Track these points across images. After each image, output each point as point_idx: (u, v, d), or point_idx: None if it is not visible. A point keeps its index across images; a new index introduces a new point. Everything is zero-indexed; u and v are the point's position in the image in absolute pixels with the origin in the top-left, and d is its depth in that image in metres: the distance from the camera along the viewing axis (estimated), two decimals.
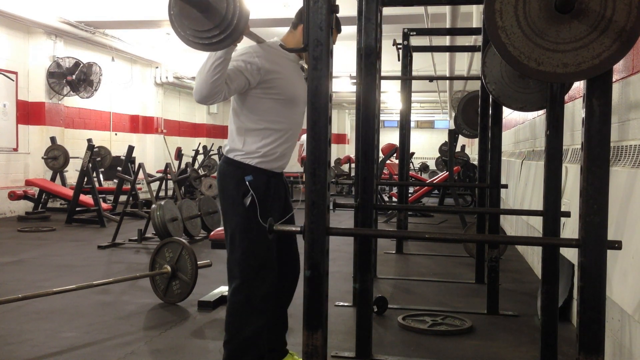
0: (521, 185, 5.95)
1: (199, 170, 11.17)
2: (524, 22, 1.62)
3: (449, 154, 8.59)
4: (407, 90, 6.10)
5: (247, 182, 2.35)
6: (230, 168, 2.42)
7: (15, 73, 9.19)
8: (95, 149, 8.83)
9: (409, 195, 7.99)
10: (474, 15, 7.01)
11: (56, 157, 8.77)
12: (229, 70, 2.22)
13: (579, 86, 3.72)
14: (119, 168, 9.50)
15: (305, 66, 2.53)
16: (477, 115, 4.56)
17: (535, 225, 4.93)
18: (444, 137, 14.58)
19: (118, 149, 11.39)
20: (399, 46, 6.08)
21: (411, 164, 13.19)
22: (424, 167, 17.67)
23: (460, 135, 7.86)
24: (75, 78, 9.53)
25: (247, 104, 2.39)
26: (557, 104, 2.66)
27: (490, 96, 3.40)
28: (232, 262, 2.42)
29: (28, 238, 6.80)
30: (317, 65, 1.82)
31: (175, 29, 2.03)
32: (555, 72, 1.62)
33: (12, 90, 9.14)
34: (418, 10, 7.40)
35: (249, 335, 2.35)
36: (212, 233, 3.99)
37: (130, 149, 9.56)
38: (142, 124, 13.18)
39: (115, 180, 8.93)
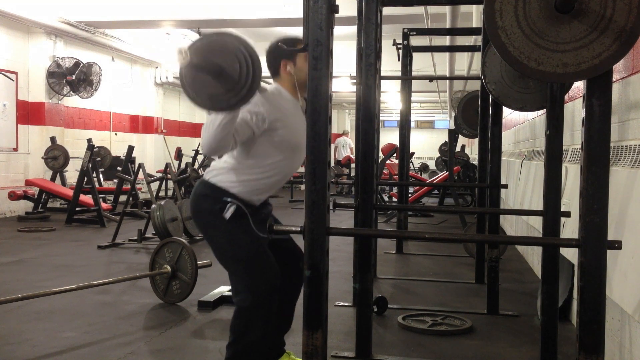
0: (521, 185, 5.95)
1: (199, 170, 11.16)
2: (524, 22, 1.62)
3: (449, 154, 8.59)
4: (407, 90, 6.10)
5: (224, 200, 2.32)
6: (207, 190, 2.38)
7: (15, 73, 9.19)
8: (95, 149, 8.82)
9: (409, 195, 7.99)
10: (474, 15, 7.01)
11: (56, 157, 8.77)
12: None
13: (579, 86, 3.72)
14: (119, 168, 9.50)
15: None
16: (477, 115, 4.56)
17: (535, 225, 4.93)
18: (444, 137, 14.57)
19: (118, 149, 11.39)
20: (399, 46, 6.08)
21: (411, 164, 13.19)
22: (424, 167, 17.66)
23: (460, 135, 7.86)
24: (75, 78, 9.52)
25: (246, 145, 2.35)
26: (557, 104, 2.66)
27: (490, 96, 3.40)
28: (232, 276, 2.39)
29: (28, 238, 6.80)
30: (317, 65, 1.81)
31: (190, 95, 2.00)
32: (555, 72, 1.62)
33: (12, 90, 9.14)
34: (418, 10, 7.40)
35: (254, 339, 2.34)
36: None
37: (130, 149, 9.55)
38: (142, 124, 13.18)
39: (115, 180, 8.93)
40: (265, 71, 2.09)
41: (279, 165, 2.39)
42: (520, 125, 7.02)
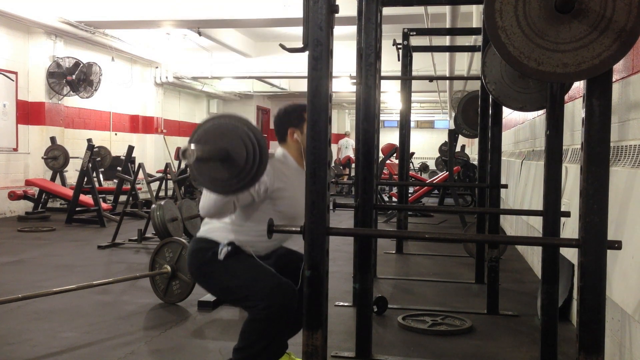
0: (521, 185, 5.95)
1: None
2: (524, 22, 1.62)
3: (449, 154, 8.59)
4: (407, 90, 6.10)
5: (219, 246, 2.34)
6: (201, 244, 2.40)
7: (15, 73, 9.18)
8: (95, 149, 8.82)
9: (409, 195, 7.99)
10: (474, 15, 7.01)
11: (56, 157, 8.77)
12: None
13: (579, 86, 3.72)
14: (119, 168, 9.50)
15: None
16: (477, 115, 4.56)
17: (535, 225, 4.93)
18: (444, 137, 14.56)
19: (118, 149, 11.39)
20: (399, 46, 6.08)
21: (411, 164, 13.18)
22: (424, 167, 17.65)
23: (460, 135, 7.86)
24: (75, 78, 9.52)
25: (246, 209, 2.35)
26: (557, 104, 2.66)
27: (490, 96, 3.40)
28: (248, 303, 2.36)
29: (28, 238, 6.80)
30: (317, 65, 1.81)
31: (193, 175, 1.98)
32: (555, 72, 1.62)
33: (12, 90, 9.14)
34: (418, 10, 7.40)
35: (263, 348, 2.34)
36: None
37: (130, 149, 9.54)
38: (142, 124, 13.18)
39: (115, 180, 8.93)
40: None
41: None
42: (520, 125, 7.02)
